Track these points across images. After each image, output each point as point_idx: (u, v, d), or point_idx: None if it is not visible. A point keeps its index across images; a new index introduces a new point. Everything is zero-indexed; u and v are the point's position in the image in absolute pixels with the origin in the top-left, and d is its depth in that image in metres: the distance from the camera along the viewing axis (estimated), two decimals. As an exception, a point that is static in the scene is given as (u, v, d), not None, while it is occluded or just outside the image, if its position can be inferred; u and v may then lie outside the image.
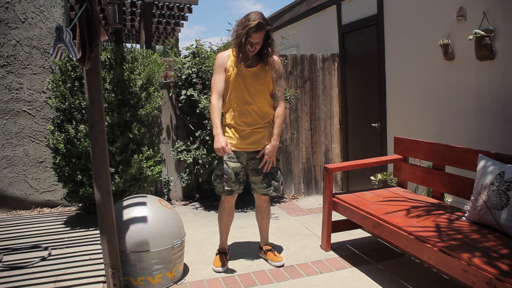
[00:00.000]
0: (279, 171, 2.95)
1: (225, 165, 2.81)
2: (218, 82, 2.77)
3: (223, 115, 2.87)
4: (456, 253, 2.04)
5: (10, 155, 4.38)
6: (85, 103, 3.15)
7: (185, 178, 4.49)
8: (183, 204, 4.64)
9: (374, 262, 2.97)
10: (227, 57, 2.78)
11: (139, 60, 3.83)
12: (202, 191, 4.81)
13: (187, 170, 4.61)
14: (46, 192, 4.52)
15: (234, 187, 2.86)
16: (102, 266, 2.70)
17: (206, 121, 4.21)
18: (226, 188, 2.84)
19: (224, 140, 2.65)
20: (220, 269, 2.88)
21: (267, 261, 3.02)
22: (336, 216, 3.18)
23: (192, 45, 4.54)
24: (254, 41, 2.62)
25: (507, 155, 2.41)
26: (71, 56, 2.03)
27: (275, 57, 2.81)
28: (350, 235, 3.47)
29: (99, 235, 2.84)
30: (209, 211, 4.33)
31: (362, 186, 4.59)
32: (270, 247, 3.10)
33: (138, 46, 8.42)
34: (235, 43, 2.68)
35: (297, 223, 3.91)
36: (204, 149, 4.23)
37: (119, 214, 2.60)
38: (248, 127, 2.78)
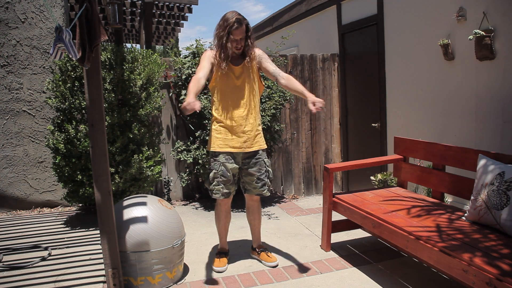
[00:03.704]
0: (270, 169, 2.95)
1: (223, 167, 2.79)
2: (202, 68, 2.69)
3: (213, 119, 2.85)
4: (456, 253, 2.04)
5: (10, 155, 4.38)
6: (85, 103, 3.15)
7: (185, 178, 4.49)
8: (183, 204, 4.64)
9: (374, 262, 2.97)
10: (214, 55, 2.78)
11: (139, 60, 3.83)
12: (202, 191, 4.81)
13: (187, 170, 4.61)
14: (46, 192, 4.52)
15: (231, 189, 2.86)
16: (102, 266, 2.70)
17: (206, 121, 4.21)
18: (224, 190, 2.83)
19: (193, 100, 2.36)
20: (220, 269, 2.88)
21: (261, 262, 3.01)
22: (336, 216, 3.17)
23: (192, 45, 4.54)
24: (238, 38, 2.67)
25: (507, 155, 2.41)
26: (71, 56, 2.03)
27: (256, 49, 2.84)
28: (350, 235, 3.47)
29: (99, 235, 2.84)
30: (209, 211, 4.33)
31: (362, 186, 4.59)
32: (263, 247, 3.08)
33: (138, 46, 8.42)
34: (218, 45, 2.72)
35: (297, 223, 3.91)
36: (204, 149, 4.23)
37: (119, 214, 2.60)
38: (241, 126, 2.77)
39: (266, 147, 2.96)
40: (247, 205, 3.03)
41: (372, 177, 4.02)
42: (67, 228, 3.76)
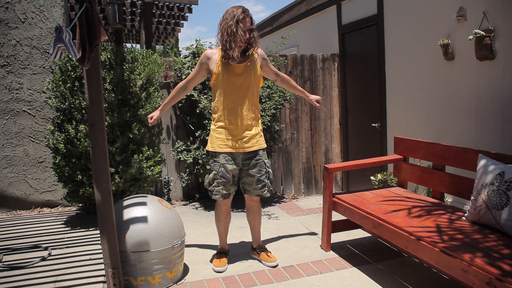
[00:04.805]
0: (270, 170, 2.95)
1: (223, 168, 2.79)
2: (191, 75, 2.92)
3: (214, 118, 2.84)
4: (456, 253, 2.04)
5: (10, 155, 4.38)
6: (85, 103, 3.15)
7: (185, 178, 4.49)
8: (183, 204, 4.64)
9: (374, 262, 2.97)
10: (215, 54, 2.79)
11: (139, 60, 3.83)
12: (202, 191, 4.81)
13: (187, 170, 4.61)
14: (46, 192, 4.52)
15: (231, 190, 2.86)
16: (102, 266, 2.70)
17: (206, 121, 4.21)
18: (224, 192, 2.82)
19: (157, 113, 2.98)
20: (220, 269, 2.88)
21: (261, 262, 3.01)
22: (336, 216, 3.17)
23: (192, 45, 4.54)
24: (245, 28, 2.67)
25: (507, 155, 2.41)
26: (71, 56, 2.03)
27: (258, 49, 2.85)
28: (350, 235, 3.47)
29: (99, 235, 2.84)
30: (209, 211, 4.33)
31: (362, 186, 4.59)
32: (263, 247, 3.08)
33: (138, 46, 8.41)
34: (227, 34, 2.66)
35: (297, 223, 3.91)
36: (204, 149, 4.23)
37: (119, 214, 2.60)
38: (242, 126, 2.76)
39: (266, 146, 2.95)
40: (247, 206, 3.03)
41: (372, 177, 4.02)
42: (67, 228, 3.76)
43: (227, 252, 3.05)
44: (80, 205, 4.30)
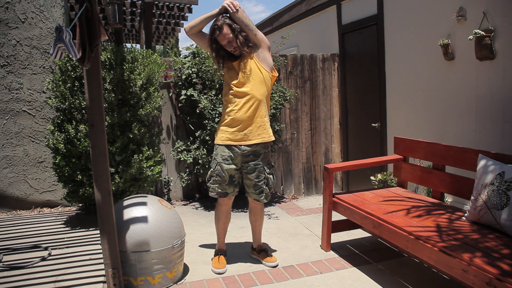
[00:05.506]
0: (272, 176, 2.90)
1: (219, 167, 2.78)
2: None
3: (222, 112, 2.84)
4: (456, 253, 2.04)
5: (10, 155, 4.38)
6: (85, 103, 3.15)
7: (185, 178, 4.49)
8: (183, 204, 4.64)
9: (374, 262, 2.97)
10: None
11: (139, 60, 3.83)
12: (202, 191, 4.81)
13: (187, 170, 4.61)
14: (46, 192, 4.52)
15: (228, 190, 2.85)
16: (102, 266, 2.70)
17: (206, 121, 4.21)
18: (219, 190, 2.82)
19: None
20: (220, 270, 2.87)
21: (261, 262, 3.01)
22: (336, 216, 3.17)
23: (192, 45, 4.55)
24: (225, 42, 2.68)
25: (507, 155, 2.41)
26: (71, 56, 2.03)
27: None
28: (350, 235, 3.47)
29: (99, 235, 2.84)
30: (209, 211, 4.33)
31: (362, 186, 4.59)
32: (263, 248, 3.08)
33: (138, 46, 8.42)
34: (213, 50, 2.76)
35: (297, 223, 3.91)
36: (204, 149, 4.23)
37: (119, 214, 2.60)
38: (242, 120, 2.71)
39: (271, 139, 2.82)
40: (250, 206, 3.02)
41: (372, 177, 4.02)
42: (67, 228, 3.76)
43: (225, 253, 3.05)
44: (80, 205, 4.30)
